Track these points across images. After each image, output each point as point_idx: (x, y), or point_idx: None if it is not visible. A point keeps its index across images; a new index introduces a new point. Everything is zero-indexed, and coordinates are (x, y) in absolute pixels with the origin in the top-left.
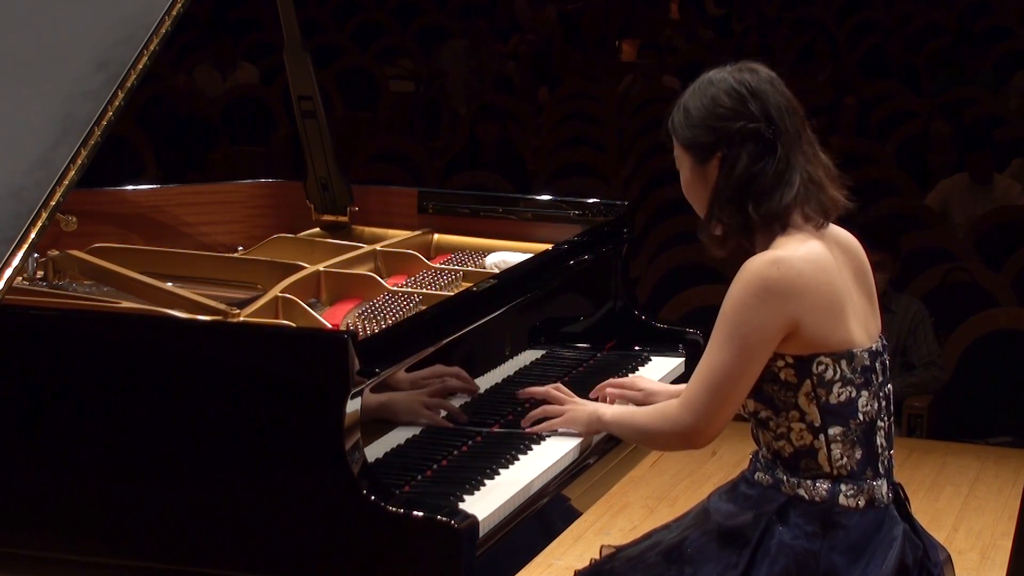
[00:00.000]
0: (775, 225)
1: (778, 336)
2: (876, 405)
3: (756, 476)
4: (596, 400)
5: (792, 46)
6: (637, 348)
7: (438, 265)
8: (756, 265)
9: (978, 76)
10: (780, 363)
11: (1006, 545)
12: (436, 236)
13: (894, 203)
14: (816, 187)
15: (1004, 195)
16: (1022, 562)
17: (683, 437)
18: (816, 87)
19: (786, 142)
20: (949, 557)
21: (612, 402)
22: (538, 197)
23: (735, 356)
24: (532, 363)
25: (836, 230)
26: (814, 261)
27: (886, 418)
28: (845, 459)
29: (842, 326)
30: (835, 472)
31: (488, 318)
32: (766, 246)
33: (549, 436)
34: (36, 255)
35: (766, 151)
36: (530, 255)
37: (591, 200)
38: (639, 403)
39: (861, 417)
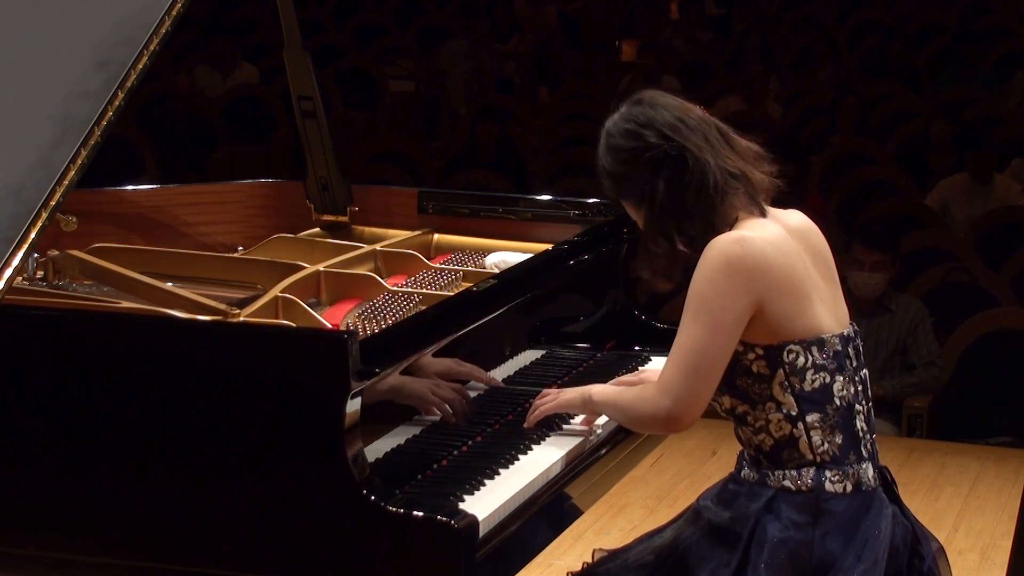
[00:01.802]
0: (719, 227)
1: (746, 314)
2: (852, 390)
3: (743, 474)
4: None
5: (792, 46)
6: (637, 348)
7: (438, 265)
8: (721, 243)
9: (978, 76)
10: (751, 355)
11: (1006, 545)
12: (436, 236)
13: (894, 203)
14: (738, 178)
15: (1004, 195)
16: (1022, 562)
17: (663, 421)
18: (816, 87)
19: (692, 149)
20: (942, 547)
21: None
22: (538, 197)
23: (706, 334)
24: (532, 363)
25: (788, 215)
26: (775, 244)
27: (864, 403)
28: (826, 445)
29: (808, 310)
30: (818, 459)
31: (488, 318)
32: None
33: (549, 436)
34: (36, 255)
35: (678, 166)
36: (530, 255)
37: (591, 200)
38: None
39: (838, 402)
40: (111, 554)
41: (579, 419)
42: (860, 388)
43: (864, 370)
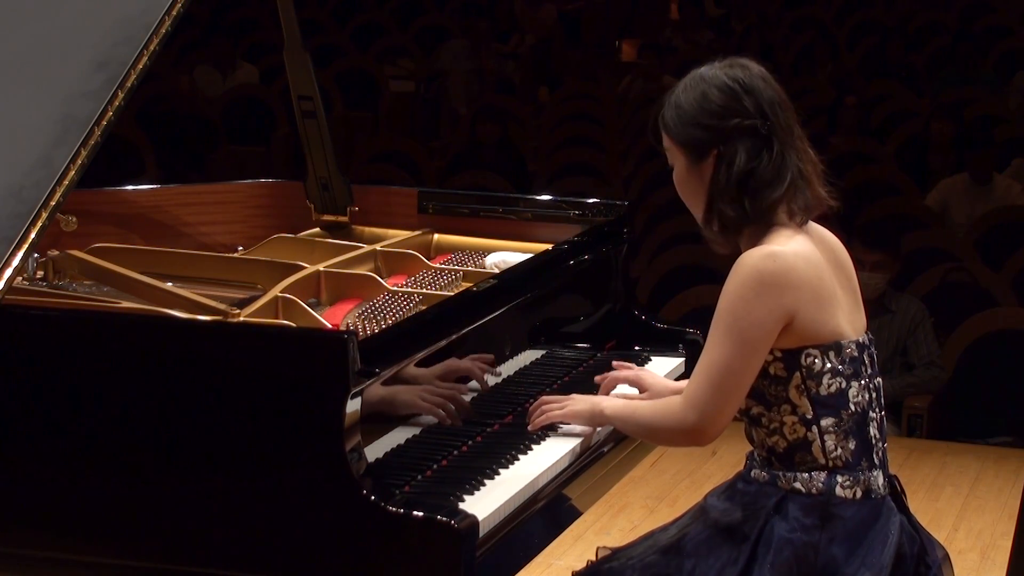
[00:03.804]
0: (763, 221)
1: (776, 329)
2: (867, 396)
3: (753, 474)
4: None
5: (792, 46)
6: (637, 348)
7: (438, 265)
8: (752, 259)
9: (978, 76)
10: (768, 357)
11: (1006, 545)
12: (436, 236)
13: (894, 203)
14: (804, 183)
15: (1004, 195)
16: (1022, 562)
17: (687, 434)
18: (816, 87)
19: (780, 137)
20: (947, 555)
21: (609, 391)
22: (538, 197)
23: (736, 351)
24: (532, 363)
25: (817, 228)
26: (805, 256)
27: (878, 410)
28: (839, 450)
29: (831, 319)
30: (830, 464)
31: (488, 318)
32: (752, 243)
33: (549, 436)
34: (36, 255)
35: (762, 146)
36: (530, 255)
37: (591, 200)
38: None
39: (852, 408)
40: (108, 554)
41: None
42: (874, 395)
43: (878, 378)
